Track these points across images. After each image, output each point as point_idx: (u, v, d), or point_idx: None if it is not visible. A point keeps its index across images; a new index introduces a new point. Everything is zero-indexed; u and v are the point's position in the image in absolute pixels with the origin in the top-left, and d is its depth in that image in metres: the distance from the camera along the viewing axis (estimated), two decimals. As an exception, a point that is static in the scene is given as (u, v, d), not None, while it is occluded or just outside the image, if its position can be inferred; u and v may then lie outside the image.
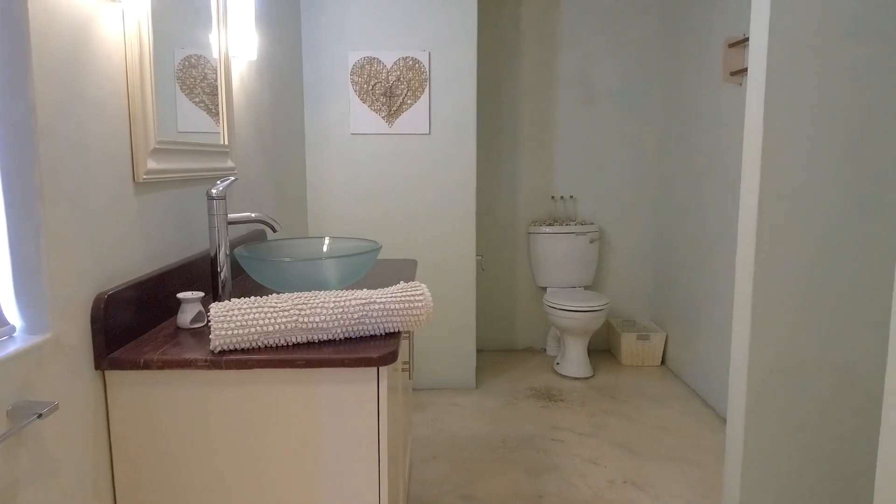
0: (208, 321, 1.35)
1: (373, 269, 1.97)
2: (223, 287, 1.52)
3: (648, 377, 3.43)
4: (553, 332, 3.81)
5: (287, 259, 1.51)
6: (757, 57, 1.78)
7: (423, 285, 1.35)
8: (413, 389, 3.22)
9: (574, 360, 3.45)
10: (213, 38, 1.81)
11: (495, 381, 3.38)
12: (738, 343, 1.86)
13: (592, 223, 3.75)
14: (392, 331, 1.29)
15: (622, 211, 3.82)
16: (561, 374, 3.47)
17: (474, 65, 3.03)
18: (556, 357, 3.65)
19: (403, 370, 1.73)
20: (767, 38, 1.73)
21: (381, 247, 1.63)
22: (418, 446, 2.61)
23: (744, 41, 2.66)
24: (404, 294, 1.29)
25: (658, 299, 3.79)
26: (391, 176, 3.10)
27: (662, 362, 3.65)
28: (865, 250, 1.76)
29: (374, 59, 2.98)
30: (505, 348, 3.93)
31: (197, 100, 1.68)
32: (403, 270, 1.95)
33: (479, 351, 3.88)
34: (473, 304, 3.22)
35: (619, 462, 2.46)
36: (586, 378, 3.42)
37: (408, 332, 1.67)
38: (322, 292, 1.28)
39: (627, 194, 3.80)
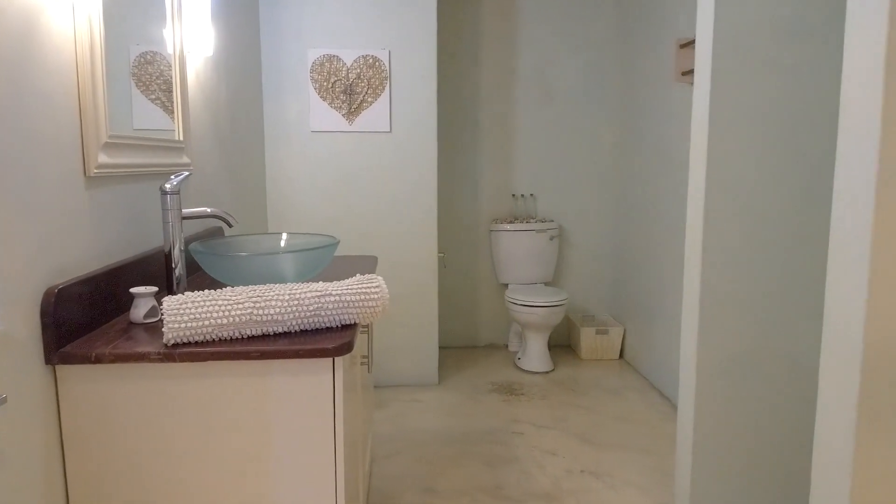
0: (162, 316, 1.35)
1: (332, 265, 1.98)
2: (178, 283, 1.51)
3: (607, 370, 3.51)
4: (515, 328, 3.86)
5: (243, 254, 1.52)
6: (702, 57, 1.84)
7: (379, 278, 1.37)
8: (376, 387, 3.23)
9: (535, 354, 3.51)
10: (168, 34, 1.80)
11: (458, 377, 3.41)
12: (687, 334, 1.92)
13: (552, 220, 3.81)
14: (348, 323, 1.30)
15: (581, 208, 3.89)
16: (522, 369, 3.53)
17: (434, 64, 3.06)
18: (517, 353, 3.70)
19: (363, 364, 1.75)
20: (712, 38, 1.79)
21: (338, 241, 1.64)
22: (380, 442, 2.62)
23: (693, 42, 2.75)
24: (360, 286, 1.31)
25: (616, 294, 3.87)
26: (352, 174, 3.10)
27: (620, 356, 3.74)
28: (806, 243, 1.85)
29: (334, 56, 2.98)
30: (468, 345, 3.97)
31: (153, 96, 1.67)
32: (363, 266, 1.97)
33: (442, 348, 3.91)
34: (436, 302, 3.25)
35: (577, 452, 2.51)
36: (547, 372, 3.48)
37: (364, 324, 1.69)
38: (277, 285, 1.29)
39: (586, 192, 3.88)
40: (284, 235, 1.79)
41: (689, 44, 2.79)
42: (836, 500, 1.19)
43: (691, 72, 2.76)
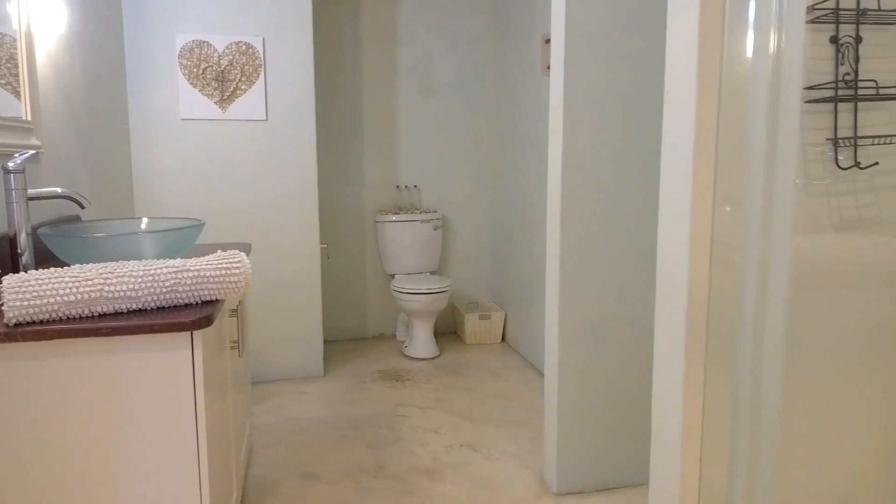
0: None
1: (199, 251, 1.93)
2: (25, 269, 1.44)
3: (489, 353, 3.65)
4: (402, 318, 3.91)
5: (100, 234, 1.46)
6: (556, 49, 1.98)
7: (241, 254, 1.37)
8: (258, 382, 3.18)
9: (421, 342, 3.59)
10: (13, 9, 1.70)
11: (344, 367, 3.42)
12: (550, 303, 2.06)
13: (436, 211, 3.90)
14: (209, 299, 1.29)
15: (462, 199, 4.01)
16: (409, 357, 3.59)
17: (311, 53, 3.05)
18: (405, 341, 3.76)
19: (233, 348, 1.73)
20: (564, 32, 1.93)
21: (203, 223, 1.61)
22: (261, 433, 2.59)
23: (558, 38, 2.92)
24: (220, 262, 1.31)
25: (497, 280, 4.03)
26: (227, 162, 3.03)
27: (503, 339, 3.89)
28: (648, 217, 2.03)
29: (205, 42, 2.90)
30: (356, 337, 3.98)
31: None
32: (233, 251, 1.94)
33: (331, 341, 3.89)
34: (319, 293, 3.24)
35: (457, 429, 2.61)
36: (433, 358, 3.57)
37: (232, 305, 1.67)
38: (131, 262, 1.26)
39: (466, 183, 4.00)
40: (145, 220, 1.74)
41: (554, 39, 2.96)
42: (671, 427, 1.33)
43: (556, 66, 2.94)
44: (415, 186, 3.95)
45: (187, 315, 1.20)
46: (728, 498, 1.29)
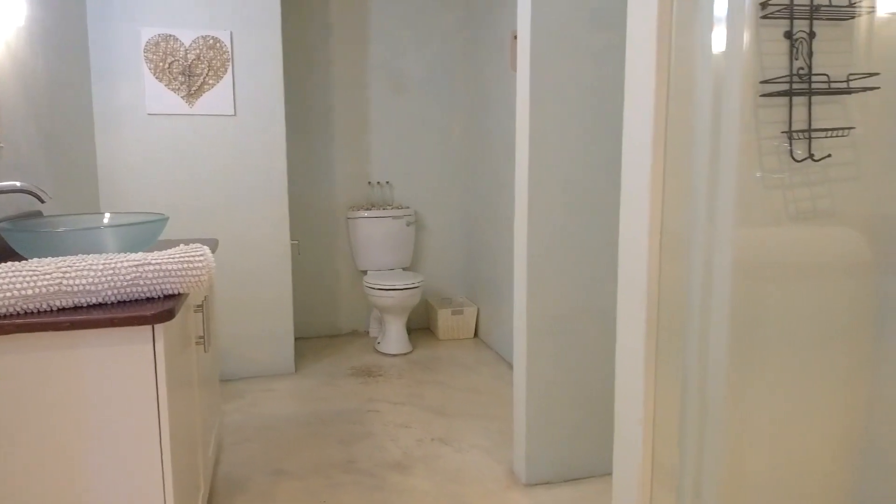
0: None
1: (164, 247, 1.91)
2: (-18, 262, 1.41)
3: (462, 348, 3.67)
4: (375, 314, 3.91)
5: (60, 229, 1.44)
6: (523, 45, 2.00)
7: (205, 248, 1.36)
8: (229, 379, 3.15)
9: (394, 338, 3.59)
10: (-34, -2, 1.66)
11: (316, 364, 3.41)
12: (518, 297, 2.08)
13: (408, 207, 3.90)
14: (171, 293, 1.28)
15: (435, 194, 4.02)
16: (382, 353, 3.59)
17: (280, 47, 3.03)
18: (377, 338, 3.76)
19: (198, 344, 1.72)
20: (530, 29, 1.95)
21: (167, 218, 1.60)
22: (231, 430, 2.57)
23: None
24: (183, 255, 1.30)
25: (470, 276, 4.05)
26: (195, 157, 2.99)
27: (476, 334, 3.91)
28: (614, 211, 2.06)
29: (171, 36, 2.86)
30: (329, 333, 3.96)
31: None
32: (199, 246, 1.92)
33: (303, 338, 3.87)
34: (290, 289, 3.22)
35: (429, 423, 2.62)
36: (405, 354, 3.57)
37: (196, 298, 1.66)
38: (91, 255, 1.24)
39: (439, 178, 4.01)
40: (108, 215, 1.72)
41: (523, 36, 2.98)
42: (632, 415, 1.35)
43: (526, 62, 2.96)
44: (387, 182, 3.94)
45: (149, 309, 1.19)
46: (680, 482, 1.32)
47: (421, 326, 4.09)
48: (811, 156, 1.39)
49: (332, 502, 2.03)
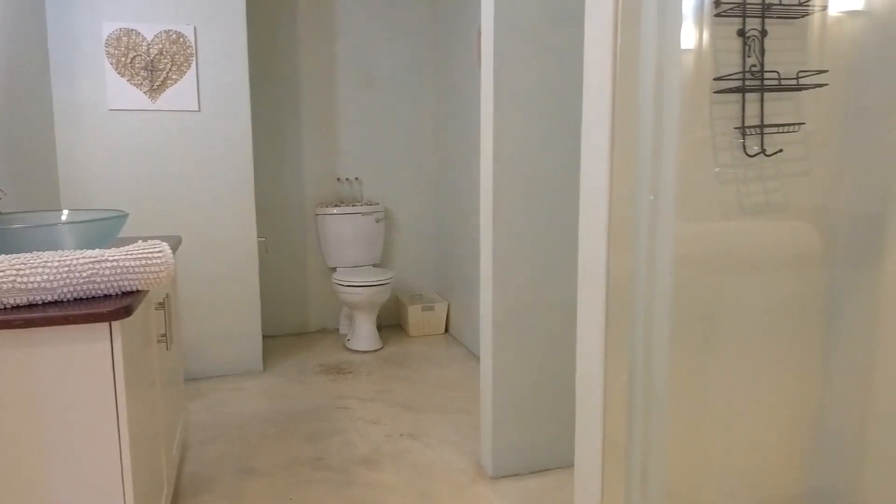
0: None
1: (126, 244, 1.89)
2: (-67, 261, 1.37)
3: (433, 344, 3.68)
4: (345, 311, 3.90)
5: (16, 226, 1.41)
6: (486, 41, 2.01)
7: (164, 244, 1.35)
8: (195, 379, 3.11)
9: (364, 334, 3.58)
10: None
11: (285, 362, 3.39)
12: (484, 291, 2.10)
13: (378, 203, 3.90)
14: (129, 290, 1.27)
15: (405, 190, 4.02)
16: (351, 350, 3.58)
17: (245, 42, 3.00)
18: (347, 335, 3.75)
19: (160, 342, 1.70)
20: (493, 25, 1.96)
21: (126, 215, 1.58)
22: (198, 430, 2.54)
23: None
24: (141, 252, 1.29)
25: (440, 272, 4.06)
26: (159, 153, 2.95)
27: (446, 330, 3.93)
28: (577, 205, 2.09)
29: (133, 30, 2.81)
30: (298, 331, 3.94)
31: None
32: (162, 243, 1.89)
33: (271, 336, 3.85)
34: (257, 287, 3.20)
35: (398, 419, 2.62)
36: (376, 350, 3.57)
37: (158, 295, 1.64)
38: (47, 252, 1.22)
39: (409, 174, 4.01)
40: (66, 212, 1.69)
41: (490, 32, 2.99)
42: (593, 397, 1.38)
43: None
44: (356, 179, 3.93)
45: (106, 306, 1.17)
46: (629, 463, 1.35)
47: (392, 323, 4.09)
48: (763, 151, 1.43)
49: (300, 499, 2.02)
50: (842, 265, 1.53)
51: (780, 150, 1.44)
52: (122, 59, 2.81)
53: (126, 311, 1.18)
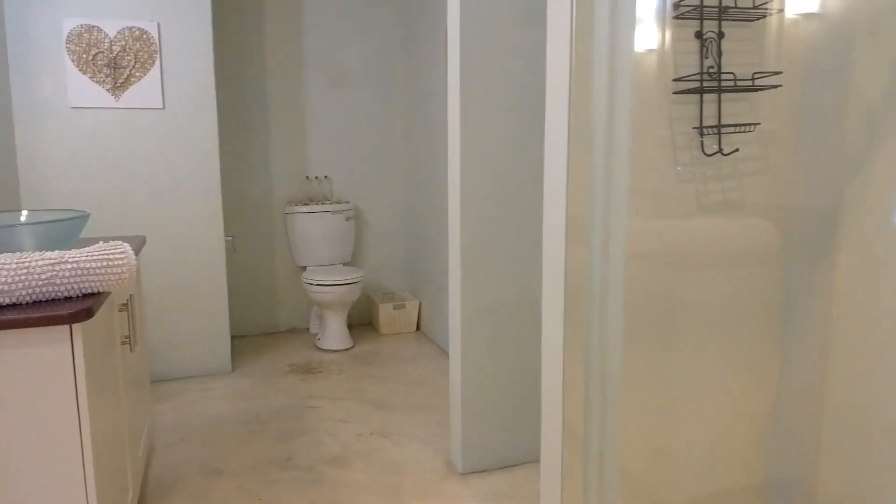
0: None
1: (88, 245, 1.85)
2: None
3: (404, 342, 3.68)
4: (315, 311, 3.88)
5: (-31, 229, 1.38)
6: (452, 41, 2.02)
7: (125, 244, 1.33)
8: (163, 380, 3.07)
9: (334, 333, 3.57)
10: None
11: (254, 362, 3.36)
12: (452, 288, 2.11)
13: (348, 202, 3.89)
14: (90, 291, 1.25)
15: (375, 189, 4.01)
16: (322, 349, 3.57)
17: (210, 39, 2.96)
18: (317, 334, 3.73)
19: (123, 344, 1.67)
20: (459, 24, 1.97)
21: (87, 215, 1.55)
22: (165, 431, 2.51)
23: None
24: (102, 253, 1.27)
25: (411, 270, 4.06)
26: (123, 152, 2.90)
27: (418, 328, 3.94)
28: (542, 203, 2.11)
29: (94, 27, 2.76)
30: (268, 331, 3.91)
31: None
32: (125, 243, 1.87)
33: (240, 336, 3.81)
34: (224, 287, 3.16)
35: (368, 418, 2.63)
36: (346, 349, 3.56)
37: (120, 296, 1.62)
38: (4, 254, 1.20)
39: (379, 172, 4.01)
40: (25, 212, 1.65)
41: (458, 31, 3.01)
42: (555, 389, 1.40)
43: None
44: (325, 177, 3.91)
45: (66, 308, 1.16)
46: (586, 451, 1.38)
47: (363, 322, 4.09)
48: (721, 150, 1.47)
49: (269, 500, 2.02)
50: (797, 261, 1.58)
51: (737, 150, 1.48)
52: (84, 56, 2.76)
53: (87, 314, 1.16)
